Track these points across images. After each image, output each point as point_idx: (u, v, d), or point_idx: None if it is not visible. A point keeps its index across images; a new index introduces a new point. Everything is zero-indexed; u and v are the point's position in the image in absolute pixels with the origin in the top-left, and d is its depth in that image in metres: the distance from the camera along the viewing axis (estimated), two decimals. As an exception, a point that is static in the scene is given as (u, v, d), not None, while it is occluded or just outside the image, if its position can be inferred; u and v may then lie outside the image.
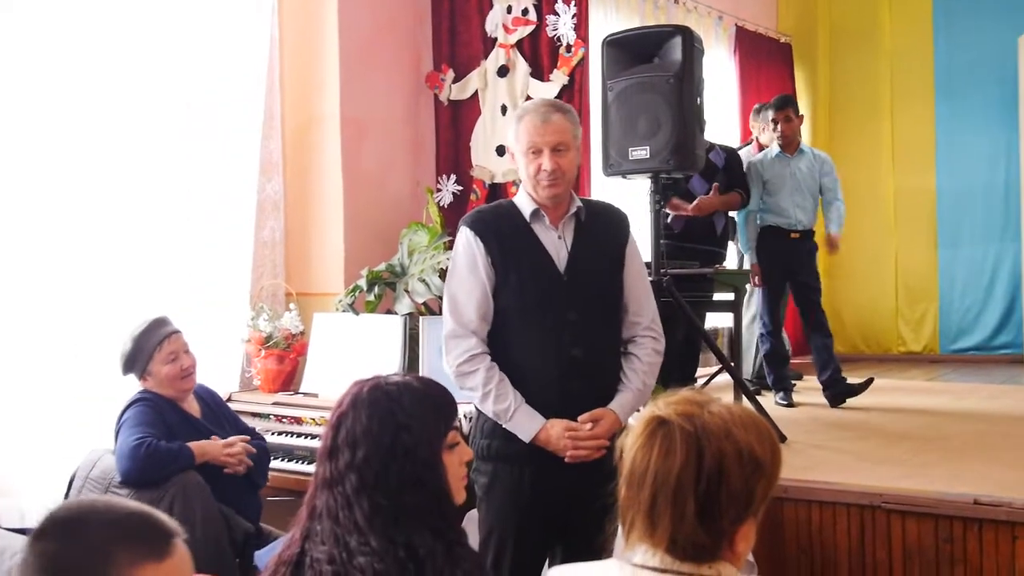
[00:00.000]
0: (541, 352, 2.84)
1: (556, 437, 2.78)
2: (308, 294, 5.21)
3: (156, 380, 3.63)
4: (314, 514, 1.93)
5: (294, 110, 5.31)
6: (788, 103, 5.95)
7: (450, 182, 5.63)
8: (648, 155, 4.28)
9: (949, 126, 8.70)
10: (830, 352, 5.66)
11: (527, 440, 2.79)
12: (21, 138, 4.10)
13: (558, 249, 2.90)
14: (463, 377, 2.83)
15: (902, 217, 8.86)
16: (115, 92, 4.41)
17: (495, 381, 2.80)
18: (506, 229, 2.90)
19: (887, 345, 8.92)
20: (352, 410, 1.99)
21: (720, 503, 1.60)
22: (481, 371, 2.81)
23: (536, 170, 2.85)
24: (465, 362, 2.83)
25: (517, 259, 2.87)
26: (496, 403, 2.79)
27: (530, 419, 2.79)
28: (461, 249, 2.91)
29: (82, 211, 4.29)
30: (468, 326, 2.85)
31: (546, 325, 2.83)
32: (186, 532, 3.41)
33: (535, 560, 2.90)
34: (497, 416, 2.80)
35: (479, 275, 2.86)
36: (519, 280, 2.85)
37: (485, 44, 5.58)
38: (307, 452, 4.36)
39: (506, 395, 2.79)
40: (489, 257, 2.86)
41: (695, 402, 1.68)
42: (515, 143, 2.93)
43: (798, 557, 3.50)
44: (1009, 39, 8.07)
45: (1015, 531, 3.11)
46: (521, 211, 2.92)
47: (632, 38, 4.56)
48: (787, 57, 8.94)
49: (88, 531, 1.28)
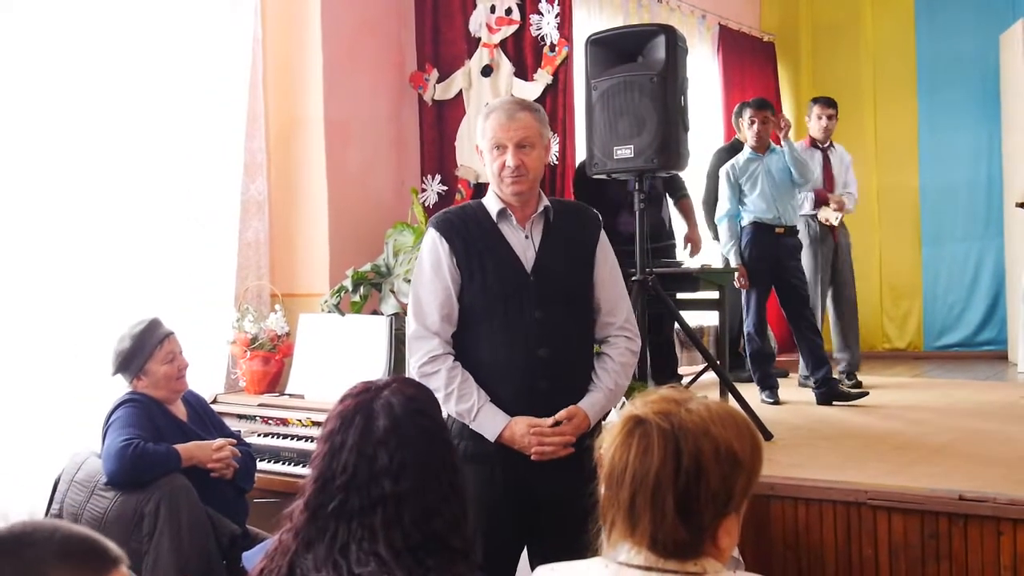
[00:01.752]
0: (507, 352, 2.83)
1: (520, 435, 2.78)
2: (293, 295, 5.19)
3: (152, 380, 3.62)
4: (310, 546, 1.84)
5: (278, 111, 5.30)
6: (768, 106, 6.04)
7: (435, 182, 5.63)
8: (632, 154, 4.29)
9: (932, 123, 8.74)
10: (822, 351, 5.70)
11: (492, 439, 2.80)
12: (4, 138, 4.08)
13: (525, 248, 2.89)
14: (425, 379, 2.80)
15: (885, 214, 8.89)
16: (98, 93, 4.39)
17: (457, 381, 2.80)
18: (472, 229, 2.89)
19: (872, 342, 8.94)
20: (394, 434, 1.86)
21: (699, 500, 1.61)
22: (443, 372, 2.82)
23: (500, 167, 2.85)
24: (427, 363, 2.84)
25: (482, 259, 2.86)
26: (459, 403, 2.79)
27: (493, 418, 2.80)
28: (426, 250, 2.92)
29: (63, 213, 4.27)
30: (431, 327, 2.85)
31: (512, 325, 2.83)
32: (173, 534, 3.38)
33: (506, 559, 2.90)
34: (461, 416, 2.80)
35: (443, 276, 2.86)
36: (484, 280, 2.85)
37: (469, 44, 5.57)
38: (293, 454, 4.36)
39: (469, 394, 2.80)
40: (453, 257, 2.86)
41: (673, 400, 1.69)
42: (481, 140, 2.93)
43: (784, 554, 3.51)
44: (991, 36, 8.11)
45: (1000, 526, 3.13)
46: (488, 211, 2.92)
47: (616, 37, 4.57)
48: (770, 56, 8.96)
49: (28, 550, 1.26)
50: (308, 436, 4.36)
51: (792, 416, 5.19)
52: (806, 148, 6.44)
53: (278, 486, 4.23)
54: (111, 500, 3.37)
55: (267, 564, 1.89)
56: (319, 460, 1.89)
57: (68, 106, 4.28)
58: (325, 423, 1.94)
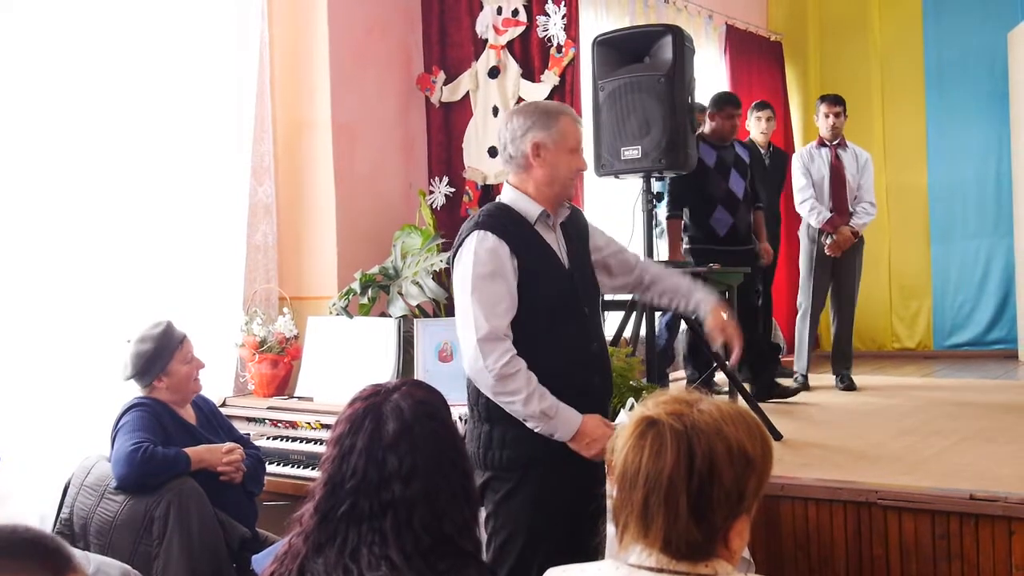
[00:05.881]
0: (568, 350, 2.89)
1: (595, 424, 2.82)
2: (301, 298, 5.20)
3: (174, 380, 3.64)
4: (320, 549, 1.84)
5: (285, 114, 5.31)
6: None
7: (442, 184, 5.63)
8: (640, 155, 4.29)
9: (940, 121, 8.72)
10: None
11: (570, 434, 2.80)
12: (12, 141, 4.09)
13: (560, 249, 2.97)
14: (506, 379, 2.77)
15: (895, 213, 8.88)
16: (106, 97, 4.40)
17: (535, 381, 2.80)
18: (520, 231, 2.91)
19: (881, 342, 8.93)
20: (404, 438, 1.86)
21: (712, 501, 1.60)
22: (523, 372, 2.79)
23: (577, 168, 2.97)
24: (507, 364, 2.78)
25: (535, 260, 2.90)
26: (542, 401, 2.78)
27: (571, 413, 2.81)
28: (485, 252, 2.84)
29: (71, 217, 4.28)
30: (501, 329, 2.82)
31: (569, 323, 2.90)
32: (183, 538, 3.39)
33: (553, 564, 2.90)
34: (544, 413, 2.78)
35: (507, 278, 2.84)
36: (538, 281, 2.88)
37: (476, 46, 5.57)
38: (302, 456, 4.37)
39: (546, 393, 2.79)
40: (515, 259, 2.86)
41: (685, 401, 1.68)
42: (552, 141, 2.92)
43: (795, 554, 3.50)
44: (998, 34, 8.10)
45: (1011, 526, 3.12)
46: (522, 213, 2.93)
47: (622, 38, 4.57)
48: (778, 55, 8.95)
49: None
50: (317, 439, 4.36)
51: (801, 416, 5.18)
52: (815, 148, 6.42)
53: (287, 489, 4.23)
54: (121, 504, 3.37)
55: (277, 567, 1.89)
56: (329, 463, 1.89)
57: (75, 110, 4.29)
58: (334, 426, 1.93)
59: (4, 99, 4.06)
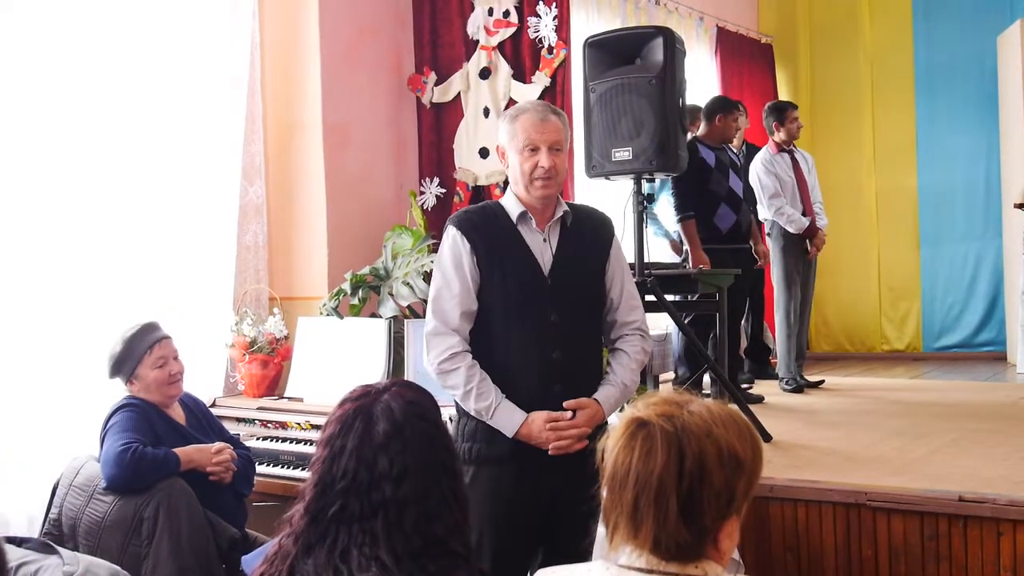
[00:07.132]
0: (522, 354, 2.85)
1: (538, 429, 2.79)
2: (292, 298, 5.19)
3: (143, 384, 3.61)
4: (310, 550, 1.83)
5: (276, 114, 5.30)
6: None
7: (433, 185, 5.63)
8: (631, 156, 4.28)
9: (930, 125, 8.75)
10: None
11: (510, 434, 2.80)
12: (3, 141, 4.07)
13: (542, 252, 2.91)
14: (444, 375, 2.84)
15: (884, 216, 8.91)
16: (97, 96, 4.38)
17: (476, 379, 2.81)
18: (492, 229, 2.90)
19: (871, 344, 8.96)
20: (395, 439, 1.84)
21: (702, 502, 1.61)
22: (462, 369, 2.82)
23: (532, 168, 2.86)
24: (446, 360, 2.83)
25: (502, 259, 2.87)
26: (477, 401, 2.80)
27: (511, 414, 2.80)
28: (447, 248, 2.91)
29: (61, 216, 4.26)
30: (450, 324, 2.85)
31: (528, 327, 2.85)
32: (172, 538, 3.38)
33: (517, 562, 2.90)
34: (479, 413, 2.81)
35: (464, 273, 2.86)
36: (503, 281, 2.86)
37: (467, 47, 5.57)
38: (292, 457, 4.36)
39: (487, 392, 2.80)
40: (475, 256, 2.86)
41: (675, 402, 1.68)
42: (509, 141, 2.92)
43: (784, 556, 3.51)
44: (988, 38, 8.14)
45: (1000, 527, 3.12)
46: (508, 212, 2.93)
47: (614, 39, 4.56)
48: (768, 58, 8.97)
49: None
50: (307, 439, 4.36)
51: (790, 418, 5.19)
52: (775, 154, 6.37)
53: (277, 489, 4.23)
54: (110, 504, 3.36)
55: (267, 568, 1.88)
56: (319, 464, 1.88)
57: (67, 108, 4.27)
58: (324, 427, 1.93)
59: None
